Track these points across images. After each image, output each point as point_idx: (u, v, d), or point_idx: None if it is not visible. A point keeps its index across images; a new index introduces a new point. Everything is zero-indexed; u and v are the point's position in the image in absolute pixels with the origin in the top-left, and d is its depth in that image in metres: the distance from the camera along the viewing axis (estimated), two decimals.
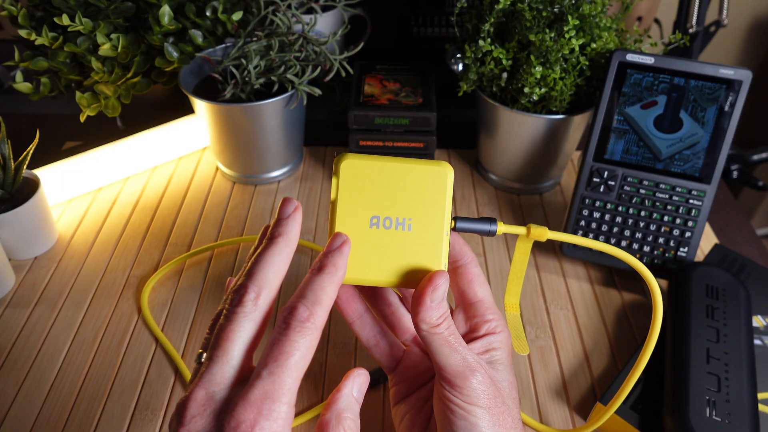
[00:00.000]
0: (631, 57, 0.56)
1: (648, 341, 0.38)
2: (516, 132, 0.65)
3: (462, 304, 0.36)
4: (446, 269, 0.33)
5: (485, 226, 0.35)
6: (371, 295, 0.39)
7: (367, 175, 0.33)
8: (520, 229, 0.35)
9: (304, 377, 0.33)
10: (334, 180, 0.33)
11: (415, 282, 0.33)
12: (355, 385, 0.30)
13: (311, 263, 0.62)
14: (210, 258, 0.62)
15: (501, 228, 0.35)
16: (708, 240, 0.65)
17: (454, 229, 0.35)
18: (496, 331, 0.35)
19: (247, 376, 0.27)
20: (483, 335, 0.35)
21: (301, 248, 0.63)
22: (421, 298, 0.31)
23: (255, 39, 0.67)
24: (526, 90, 0.60)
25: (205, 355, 0.27)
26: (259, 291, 0.27)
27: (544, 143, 0.65)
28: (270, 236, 0.29)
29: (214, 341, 0.27)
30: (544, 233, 0.35)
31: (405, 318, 0.39)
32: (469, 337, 0.35)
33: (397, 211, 0.33)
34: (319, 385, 0.50)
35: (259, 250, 0.29)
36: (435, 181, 0.33)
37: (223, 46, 0.70)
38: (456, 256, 0.36)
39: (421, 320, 0.31)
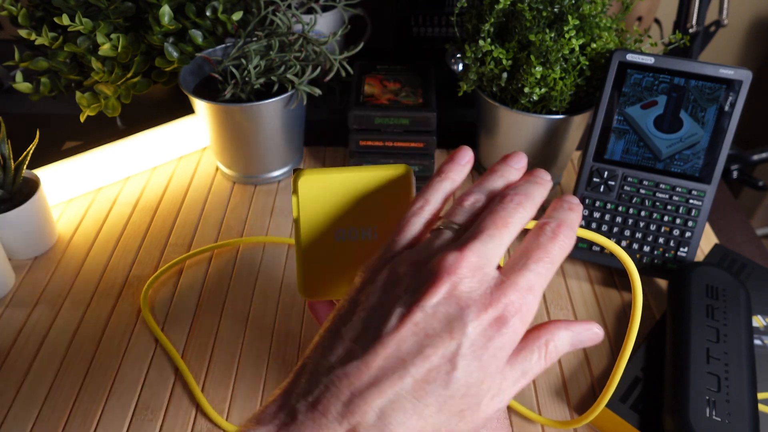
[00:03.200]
0: (631, 57, 0.56)
1: (630, 326, 0.37)
2: (516, 132, 0.65)
3: None
4: None
5: None
6: None
7: (326, 188, 0.32)
8: None
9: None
10: (293, 198, 0.32)
11: None
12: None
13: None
14: (210, 258, 0.62)
15: None
16: (708, 240, 0.65)
17: None
18: None
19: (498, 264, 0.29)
20: None
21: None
22: None
23: (255, 39, 0.67)
24: (526, 90, 0.60)
25: (456, 227, 0.29)
26: (533, 208, 0.29)
27: (544, 143, 0.65)
28: (537, 180, 0.31)
29: (490, 222, 0.28)
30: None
31: None
32: None
33: (361, 220, 0.33)
34: None
35: (527, 182, 0.30)
36: (397, 185, 0.33)
37: (223, 46, 0.70)
38: None
39: None
